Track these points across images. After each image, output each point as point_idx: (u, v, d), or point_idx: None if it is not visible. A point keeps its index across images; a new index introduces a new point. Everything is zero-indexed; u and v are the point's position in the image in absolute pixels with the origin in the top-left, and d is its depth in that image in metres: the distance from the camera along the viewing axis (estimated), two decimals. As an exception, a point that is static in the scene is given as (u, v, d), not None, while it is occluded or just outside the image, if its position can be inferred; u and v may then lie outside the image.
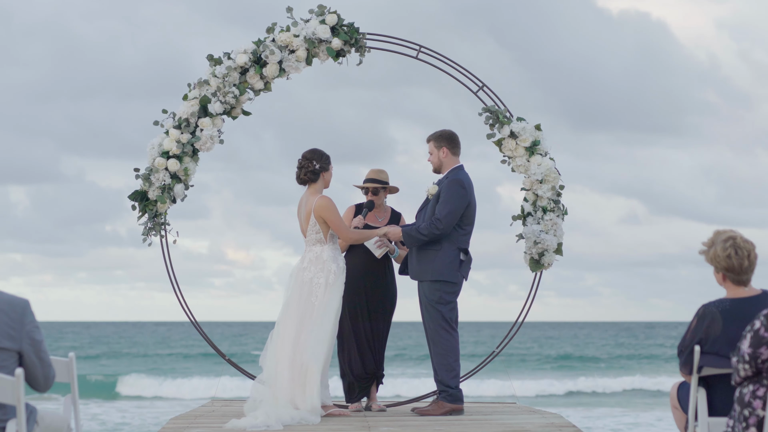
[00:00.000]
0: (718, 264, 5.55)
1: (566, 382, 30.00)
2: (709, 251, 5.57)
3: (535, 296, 9.03)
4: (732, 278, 5.56)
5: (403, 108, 78.82)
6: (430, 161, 8.30)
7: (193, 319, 9.00)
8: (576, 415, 21.11)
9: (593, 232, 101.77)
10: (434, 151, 8.27)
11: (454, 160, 8.28)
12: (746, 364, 5.11)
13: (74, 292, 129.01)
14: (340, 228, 8.01)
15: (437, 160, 8.27)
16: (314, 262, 8.02)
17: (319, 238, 8.02)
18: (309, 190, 8.13)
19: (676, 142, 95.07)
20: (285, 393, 7.74)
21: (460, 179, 8.14)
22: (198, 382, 29.31)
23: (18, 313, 5.02)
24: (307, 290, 7.96)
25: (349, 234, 8.11)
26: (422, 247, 8.12)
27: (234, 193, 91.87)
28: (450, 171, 8.23)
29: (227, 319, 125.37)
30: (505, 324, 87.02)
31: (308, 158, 8.12)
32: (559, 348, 50.72)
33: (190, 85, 8.75)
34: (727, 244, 5.51)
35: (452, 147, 8.26)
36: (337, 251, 8.13)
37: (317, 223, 8.00)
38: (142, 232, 8.67)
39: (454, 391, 8.11)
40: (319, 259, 8.02)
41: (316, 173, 8.10)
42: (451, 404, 8.11)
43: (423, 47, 8.97)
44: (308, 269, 8.01)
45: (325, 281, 7.95)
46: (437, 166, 8.29)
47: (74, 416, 5.76)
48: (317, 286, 7.95)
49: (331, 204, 8.02)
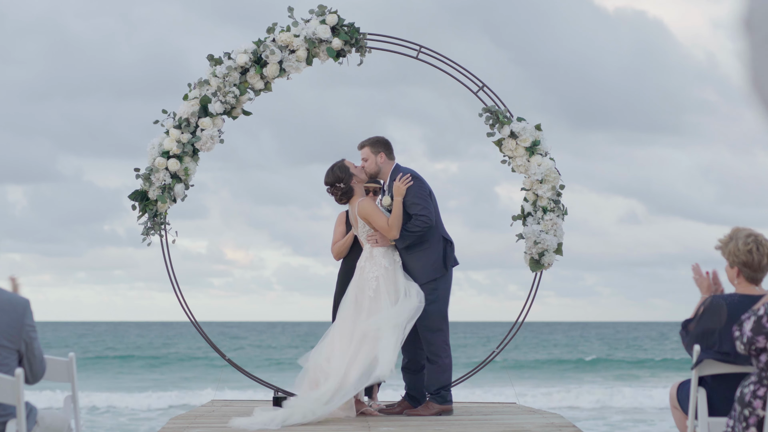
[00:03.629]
0: (737, 258, 5.58)
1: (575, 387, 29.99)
2: (728, 245, 5.60)
3: (535, 296, 9.04)
4: (747, 274, 5.59)
5: (401, 107, 78.85)
6: (365, 167, 8.24)
7: (193, 319, 9.00)
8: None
9: (592, 231, 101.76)
10: (371, 156, 8.24)
11: (390, 163, 8.29)
12: (743, 345, 5.13)
13: (74, 292, 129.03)
14: (382, 225, 8.02)
15: (374, 166, 8.24)
16: (367, 258, 8.09)
17: (369, 233, 8.11)
18: (352, 201, 8.17)
19: (675, 141, 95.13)
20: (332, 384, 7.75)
21: (408, 173, 8.16)
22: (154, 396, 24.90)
23: (19, 313, 5.03)
24: (360, 285, 8.05)
25: (395, 230, 8.00)
26: (410, 250, 8.10)
27: (232, 193, 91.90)
28: (393, 172, 8.23)
29: (227, 319, 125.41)
30: (505, 324, 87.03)
31: (331, 183, 8.14)
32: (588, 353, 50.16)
33: (190, 85, 8.75)
34: (749, 239, 5.57)
35: (388, 152, 8.29)
36: (391, 248, 8.13)
37: (365, 224, 8.07)
38: (142, 232, 8.67)
39: (444, 392, 8.10)
40: (370, 255, 8.09)
41: (348, 191, 8.14)
42: (440, 405, 8.09)
43: (423, 47, 8.97)
44: (364, 267, 8.10)
45: (375, 275, 8.00)
46: (374, 171, 8.25)
47: (74, 416, 5.76)
48: (369, 281, 8.01)
49: (371, 205, 8.07)
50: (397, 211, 8.02)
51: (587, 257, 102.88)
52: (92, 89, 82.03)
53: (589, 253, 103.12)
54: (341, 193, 8.12)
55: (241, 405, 8.85)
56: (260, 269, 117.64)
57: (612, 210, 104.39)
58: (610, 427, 19.68)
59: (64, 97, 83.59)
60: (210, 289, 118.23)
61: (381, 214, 8.03)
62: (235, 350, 48.22)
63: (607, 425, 19.88)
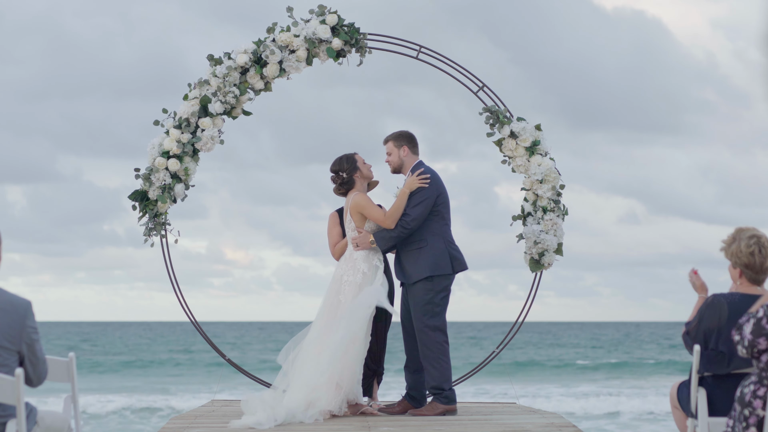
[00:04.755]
0: (739, 260, 5.57)
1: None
2: (731, 246, 5.60)
3: (535, 296, 9.04)
4: (749, 276, 5.58)
5: (400, 107, 78.85)
6: (389, 162, 8.22)
7: (194, 319, 9.01)
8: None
9: (592, 231, 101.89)
10: (394, 150, 8.23)
11: (413, 158, 8.25)
12: (744, 348, 5.13)
13: (73, 292, 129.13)
14: (377, 217, 7.97)
15: (398, 160, 8.22)
16: (347, 260, 8.05)
17: (353, 236, 8.06)
18: (349, 194, 8.15)
19: (674, 141, 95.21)
20: (296, 391, 7.73)
21: (429, 173, 8.12)
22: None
23: (20, 314, 5.02)
24: (336, 288, 8.00)
25: (390, 219, 7.94)
26: (407, 248, 8.08)
27: (231, 193, 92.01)
28: (414, 168, 8.18)
29: (227, 319, 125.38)
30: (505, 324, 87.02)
31: (334, 171, 8.13)
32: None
33: (190, 85, 8.75)
34: (751, 242, 5.55)
35: (412, 146, 8.25)
36: (374, 250, 8.09)
37: (352, 220, 8.02)
38: (144, 233, 8.67)
39: (448, 392, 8.09)
40: (350, 257, 8.05)
41: (348, 182, 8.12)
42: (444, 405, 8.08)
43: (423, 47, 8.97)
44: (340, 266, 8.06)
45: (353, 280, 7.97)
46: (397, 165, 8.23)
47: (74, 416, 5.76)
48: (347, 284, 7.97)
49: (364, 197, 8.03)
50: (399, 203, 7.98)
51: (587, 257, 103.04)
52: (91, 89, 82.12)
53: (589, 253, 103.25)
54: (341, 182, 8.11)
55: (241, 405, 8.84)
56: (260, 269, 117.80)
57: (612, 210, 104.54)
58: (611, 428, 19.67)
59: (62, 97, 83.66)
60: (210, 289, 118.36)
61: (375, 207, 8.01)
62: (234, 350, 48.21)
63: (606, 426, 19.88)
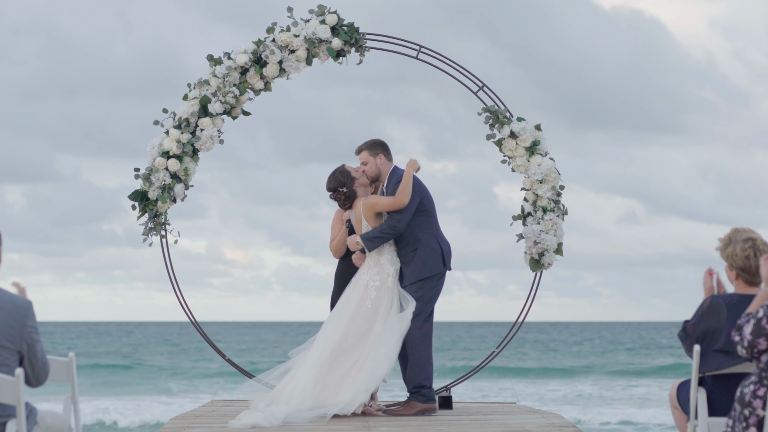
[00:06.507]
0: (734, 263, 5.55)
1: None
2: (726, 248, 5.56)
3: (534, 296, 9.04)
4: (745, 278, 5.57)
5: (399, 107, 78.92)
6: (366, 171, 8.25)
7: (194, 320, 9.00)
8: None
9: (592, 231, 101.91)
10: (370, 159, 8.25)
11: (389, 164, 8.30)
12: (744, 349, 5.12)
13: (73, 291, 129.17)
14: (389, 202, 8.01)
15: (375, 168, 8.25)
16: (371, 266, 8.07)
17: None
18: (356, 204, 8.18)
19: (674, 140, 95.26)
20: (300, 392, 7.73)
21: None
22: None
23: (21, 314, 5.02)
24: (360, 294, 8.00)
25: (401, 196, 7.97)
26: (403, 251, 8.10)
27: (230, 193, 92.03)
28: (390, 174, 8.24)
29: (226, 319, 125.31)
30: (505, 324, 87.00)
31: (333, 189, 8.17)
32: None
33: (190, 85, 8.75)
34: (746, 245, 5.51)
35: (386, 153, 8.31)
36: (394, 254, 8.13)
37: (368, 224, 8.06)
38: (143, 232, 8.67)
39: (426, 391, 8.08)
40: (376, 263, 8.07)
41: (351, 194, 8.15)
42: (422, 404, 8.05)
43: (423, 47, 8.96)
44: (364, 273, 8.07)
45: (381, 284, 7.99)
46: (375, 174, 8.26)
47: (74, 416, 5.76)
48: (374, 289, 7.99)
49: (370, 197, 8.11)
50: (406, 181, 7.99)
51: (587, 257, 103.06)
52: (89, 88, 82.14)
53: (589, 253, 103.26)
54: (344, 197, 8.14)
55: (241, 405, 8.84)
56: (260, 269, 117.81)
57: (611, 210, 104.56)
58: (612, 427, 19.68)
59: (60, 96, 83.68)
60: (210, 289, 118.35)
61: (383, 197, 8.09)
62: (234, 350, 48.21)
63: (607, 426, 19.88)
